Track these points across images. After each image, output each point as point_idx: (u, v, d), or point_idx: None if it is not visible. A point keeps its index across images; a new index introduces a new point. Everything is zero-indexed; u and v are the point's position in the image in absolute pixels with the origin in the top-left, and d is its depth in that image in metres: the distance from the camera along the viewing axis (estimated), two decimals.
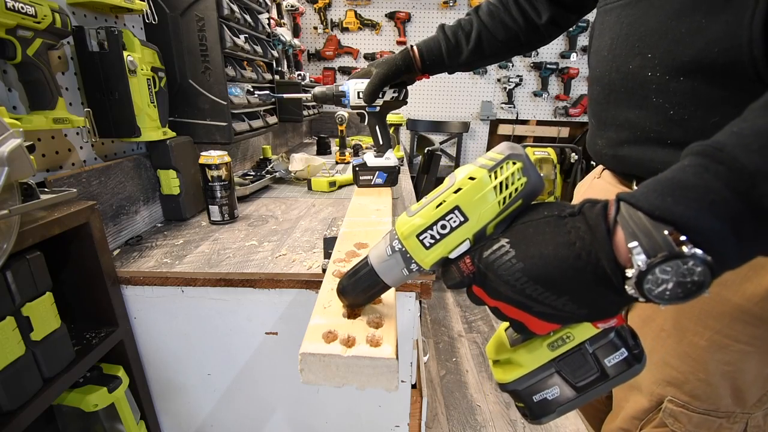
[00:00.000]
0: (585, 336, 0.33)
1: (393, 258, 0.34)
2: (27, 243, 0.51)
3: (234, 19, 1.04)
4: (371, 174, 0.94)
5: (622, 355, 0.32)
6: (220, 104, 1.03)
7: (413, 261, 0.33)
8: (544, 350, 0.34)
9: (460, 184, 0.31)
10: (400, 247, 0.34)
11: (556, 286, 0.28)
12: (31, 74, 0.62)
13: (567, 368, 0.33)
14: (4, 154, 0.44)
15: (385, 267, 0.35)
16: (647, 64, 0.46)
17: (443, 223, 0.32)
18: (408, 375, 0.76)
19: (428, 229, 0.32)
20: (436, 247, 0.32)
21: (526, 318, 0.32)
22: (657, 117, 0.46)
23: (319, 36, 2.94)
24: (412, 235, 0.33)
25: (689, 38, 0.41)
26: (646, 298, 0.25)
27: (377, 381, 0.34)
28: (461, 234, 0.32)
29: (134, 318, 0.74)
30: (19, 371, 0.52)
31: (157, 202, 0.96)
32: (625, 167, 0.53)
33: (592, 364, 0.33)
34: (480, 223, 0.31)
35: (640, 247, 0.25)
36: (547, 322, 0.31)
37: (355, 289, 0.38)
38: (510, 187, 0.31)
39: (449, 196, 0.32)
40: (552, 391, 0.34)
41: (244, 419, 0.84)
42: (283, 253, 0.78)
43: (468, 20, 0.77)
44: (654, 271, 0.24)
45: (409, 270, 0.34)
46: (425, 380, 1.24)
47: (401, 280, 0.36)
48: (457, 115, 3.15)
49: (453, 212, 0.31)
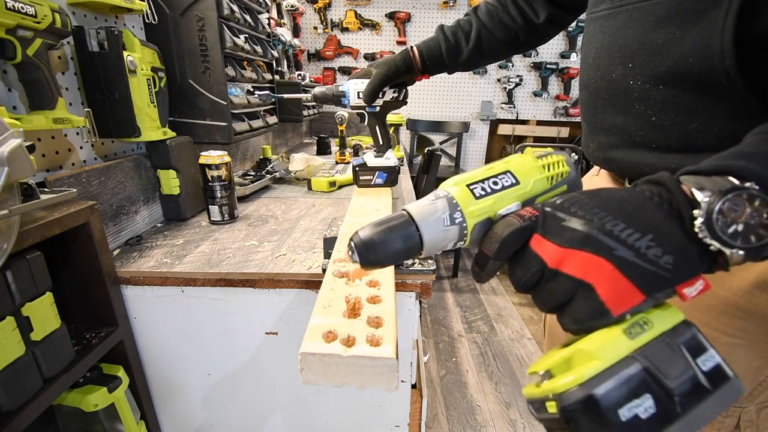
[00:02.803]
0: (665, 325, 0.25)
1: (436, 203, 0.30)
2: (27, 243, 0.51)
3: (234, 19, 1.04)
4: (371, 174, 0.94)
5: (713, 360, 0.25)
6: (220, 104, 1.03)
7: (458, 208, 0.30)
8: (622, 337, 0.25)
9: (510, 158, 0.32)
10: (445, 194, 0.30)
11: (637, 221, 0.26)
12: (31, 74, 0.62)
13: (659, 363, 0.24)
14: (4, 154, 0.44)
15: (426, 212, 0.29)
16: (628, 74, 0.48)
17: (495, 180, 0.31)
18: (408, 375, 0.76)
19: (479, 182, 0.31)
20: (486, 198, 0.30)
21: (600, 273, 0.25)
22: (641, 123, 0.48)
23: (319, 36, 2.94)
24: (461, 184, 0.31)
25: (665, 49, 0.43)
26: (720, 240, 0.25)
27: (377, 381, 0.34)
28: (512, 194, 0.30)
29: (134, 318, 0.74)
30: (19, 371, 0.52)
31: (157, 202, 0.96)
32: (615, 169, 0.55)
33: (686, 361, 0.24)
34: (531, 191, 0.31)
35: (706, 189, 0.25)
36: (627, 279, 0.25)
37: (382, 239, 0.29)
38: (556, 170, 0.32)
39: (500, 163, 0.32)
40: (644, 402, 0.23)
41: (244, 419, 0.84)
42: (283, 253, 0.78)
43: (467, 20, 0.77)
44: (722, 207, 0.24)
45: (451, 219, 0.29)
46: (425, 380, 1.24)
47: (439, 236, 0.29)
48: (457, 115, 3.15)
49: (505, 174, 0.31)
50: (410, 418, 0.80)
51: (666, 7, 0.42)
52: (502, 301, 2.39)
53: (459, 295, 2.45)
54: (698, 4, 0.39)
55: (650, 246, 0.25)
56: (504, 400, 1.62)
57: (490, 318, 2.21)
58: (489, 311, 2.27)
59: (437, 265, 2.85)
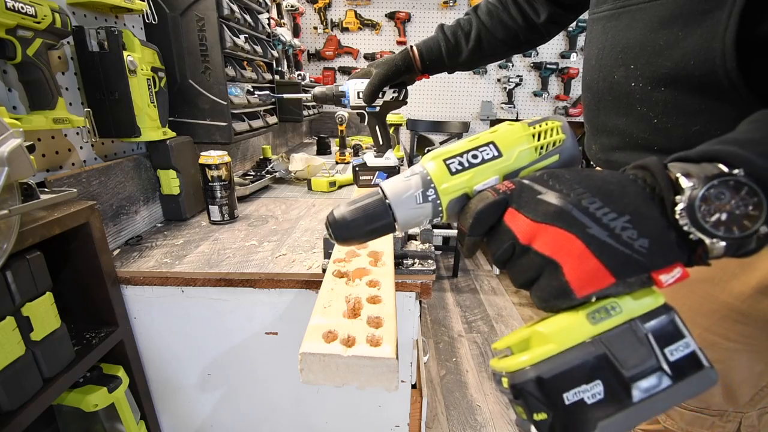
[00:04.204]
0: (637, 311, 0.24)
1: (410, 180, 0.30)
2: (27, 243, 0.51)
3: (234, 19, 1.04)
4: (371, 174, 0.94)
5: (687, 348, 0.24)
6: (220, 104, 1.03)
7: (432, 185, 0.29)
8: (582, 322, 0.24)
9: (497, 128, 0.31)
10: (421, 170, 0.30)
11: (615, 199, 0.25)
12: (31, 74, 0.62)
13: (616, 350, 0.23)
14: (4, 154, 0.44)
15: (398, 190, 0.29)
16: (630, 75, 0.47)
17: (475, 153, 0.29)
18: (408, 375, 0.76)
19: (458, 156, 0.29)
20: (462, 174, 0.29)
21: (569, 251, 0.24)
22: (642, 125, 0.48)
23: (319, 36, 2.94)
24: (437, 159, 0.29)
25: (667, 50, 0.43)
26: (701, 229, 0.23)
27: (377, 381, 0.34)
28: (491, 168, 0.29)
29: (134, 318, 0.74)
30: (19, 371, 0.52)
31: (157, 202, 0.96)
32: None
33: (649, 350, 0.23)
34: (514, 164, 0.29)
35: (692, 176, 0.24)
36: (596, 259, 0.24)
37: (354, 217, 0.30)
38: (548, 138, 0.30)
39: (485, 134, 0.31)
40: (593, 389, 0.23)
41: (244, 419, 0.84)
42: (283, 253, 0.78)
43: (467, 20, 0.77)
44: (706, 194, 0.23)
45: (424, 197, 0.29)
46: (425, 380, 1.24)
47: (411, 214, 0.30)
48: (457, 115, 3.14)
49: (487, 146, 0.29)
50: (410, 418, 0.80)
51: (670, 8, 0.42)
52: (502, 301, 2.39)
53: (459, 295, 2.45)
54: (702, 6, 0.39)
55: (626, 227, 0.24)
56: (504, 400, 1.62)
57: (490, 318, 2.21)
58: (489, 311, 2.27)
59: (437, 265, 2.85)
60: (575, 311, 0.25)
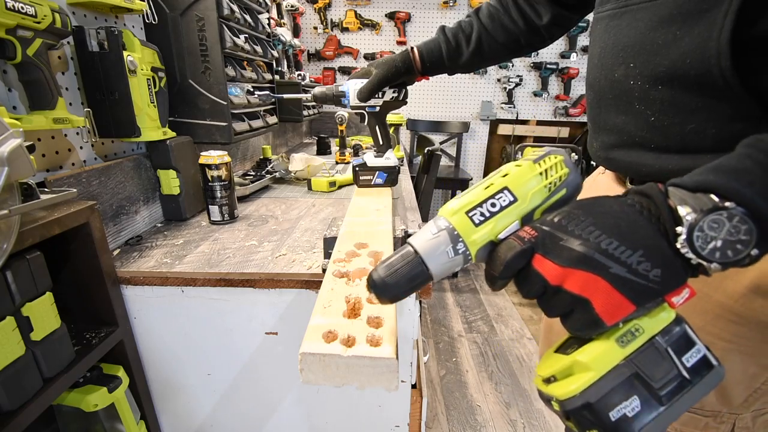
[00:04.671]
0: (656, 328, 0.29)
1: (439, 236, 0.32)
2: (27, 243, 0.51)
3: (234, 19, 1.04)
4: (371, 174, 0.94)
5: (699, 353, 0.29)
6: (220, 104, 1.03)
7: (460, 239, 0.31)
8: (614, 347, 0.29)
9: (506, 171, 0.33)
10: (447, 225, 0.32)
11: (629, 238, 0.28)
12: (31, 74, 0.62)
13: (645, 368, 0.28)
14: (4, 154, 0.44)
15: (430, 247, 0.32)
16: (629, 73, 0.48)
17: (493, 201, 0.31)
18: (408, 375, 0.76)
19: (477, 206, 0.31)
20: (485, 224, 0.31)
21: (596, 289, 0.28)
22: (640, 123, 0.48)
23: (319, 36, 2.94)
24: (461, 212, 0.32)
25: (665, 49, 0.43)
26: (699, 255, 0.27)
27: (377, 381, 0.34)
28: (510, 214, 0.31)
29: (134, 318, 0.74)
30: (19, 371, 0.52)
31: (157, 202, 0.96)
32: (616, 169, 0.55)
33: (670, 362, 0.28)
34: (529, 205, 0.32)
35: (688, 206, 0.28)
36: (620, 293, 0.28)
37: (396, 279, 0.32)
38: (554, 175, 0.32)
39: (497, 179, 0.32)
40: (632, 403, 0.28)
41: (244, 419, 0.84)
42: (283, 253, 0.78)
43: (468, 22, 0.77)
44: (702, 225, 0.27)
45: (455, 251, 0.32)
46: (425, 380, 1.24)
47: (445, 267, 0.32)
48: (457, 115, 3.15)
49: (502, 192, 0.32)
50: (410, 418, 0.80)
51: (669, 8, 0.42)
52: (502, 301, 2.39)
53: (459, 295, 2.45)
54: (700, 5, 0.39)
55: (641, 261, 0.28)
56: (504, 400, 1.62)
57: (490, 318, 2.21)
58: (489, 311, 2.27)
59: None
60: (606, 337, 0.29)
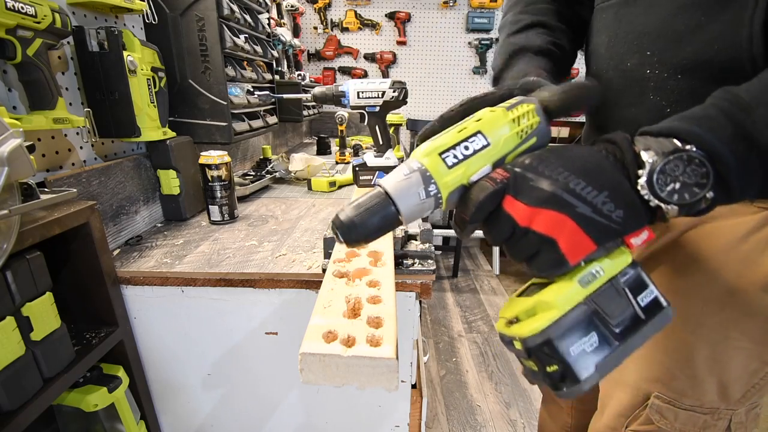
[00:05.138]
0: (615, 269, 0.30)
1: (410, 177, 0.31)
2: (27, 243, 0.51)
3: (234, 19, 1.04)
4: (371, 174, 0.94)
5: (652, 294, 0.31)
6: (220, 104, 1.03)
7: (432, 181, 0.31)
8: (576, 287, 0.30)
9: (480, 115, 0.33)
10: (419, 166, 0.31)
11: (595, 179, 0.29)
12: (31, 74, 0.62)
13: (604, 306, 0.30)
14: (4, 154, 0.44)
15: (401, 188, 0.31)
16: (645, 62, 0.46)
17: (466, 144, 0.31)
18: (408, 375, 0.76)
19: (451, 149, 0.31)
20: (458, 167, 0.31)
21: (562, 229, 0.29)
22: (653, 114, 0.47)
23: (319, 36, 2.94)
24: (434, 153, 0.31)
25: (689, 36, 0.42)
26: (657, 197, 0.28)
27: (377, 381, 0.34)
28: (483, 158, 0.31)
29: (134, 318, 0.74)
30: (19, 371, 0.52)
31: (157, 202, 0.96)
32: None
33: (627, 301, 0.30)
34: (501, 150, 0.32)
35: (651, 151, 0.29)
36: (584, 232, 0.28)
37: (362, 219, 0.31)
38: (526, 123, 0.32)
39: (471, 123, 0.32)
40: (590, 339, 0.29)
41: (244, 419, 0.84)
42: (283, 253, 0.78)
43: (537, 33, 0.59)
44: (663, 167, 0.28)
45: (426, 193, 0.31)
46: (425, 380, 1.24)
47: (416, 209, 0.32)
48: None
49: (475, 135, 0.32)
50: (410, 418, 0.80)
51: None
52: (502, 301, 2.39)
53: (459, 295, 2.45)
54: None
55: (605, 202, 0.28)
56: (504, 400, 1.62)
57: (490, 318, 2.21)
58: (489, 311, 2.27)
59: (437, 265, 2.85)
60: (568, 278, 0.30)
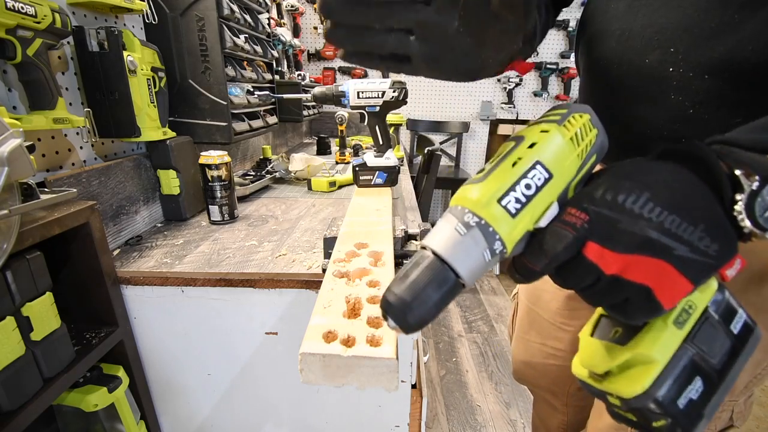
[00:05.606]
0: (705, 300, 0.27)
1: (469, 237, 0.25)
2: (27, 243, 0.51)
3: (234, 19, 1.04)
4: (371, 174, 0.94)
5: (742, 318, 0.28)
6: (220, 104, 1.03)
7: (497, 237, 0.25)
8: (672, 330, 0.26)
9: (532, 139, 0.27)
10: (477, 221, 0.25)
11: (690, 212, 0.25)
12: (31, 74, 0.62)
13: (704, 345, 0.27)
14: (4, 154, 0.44)
15: (459, 250, 0.25)
16: (668, 59, 0.43)
17: (527, 182, 0.26)
18: (408, 375, 0.76)
19: (510, 190, 0.25)
20: (523, 213, 0.25)
21: (659, 275, 0.25)
22: (673, 114, 0.44)
23: (319, 36, 2.94)
24: (492, 201, 0.25)
25: (720, 35, 0.39)
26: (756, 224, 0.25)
27: (377, 381, 0.34)
28: (547, 195, 0.26)
29: (134, 318, 0.74)
30: (19, 371, 0.51)
31: (157, 202, 0.96)
32: None
33: (723, 334, 0.27)
34: (564, 181, 0.27)
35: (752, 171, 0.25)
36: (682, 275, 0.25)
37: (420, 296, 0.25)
38: (585, 140, 0.27)
39: (524, 152, 0.26)
40: (695, 385, 0.26)
41: (244, 419, 0.84)
42: (283, 253, 0.78)
43: None
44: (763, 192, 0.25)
45: (491, 252, 0.25)
46: (425, 380, 1.24)
47: (479, 272, 0.26)
48: (457, 115, 3.15)
49: (535, 168, 0.26)
50: (410, 418, 0.80)
51: None
52: (502, 301, 2.39)
53: (459, 295, 2.44)
54: None
55: (702, 237, 0.25)
56: (504, 400, 1.62)
57: (490, 318, 2.21)
58: (489, 311, 2.27)
59: None
60: (662, 320, 0.27)
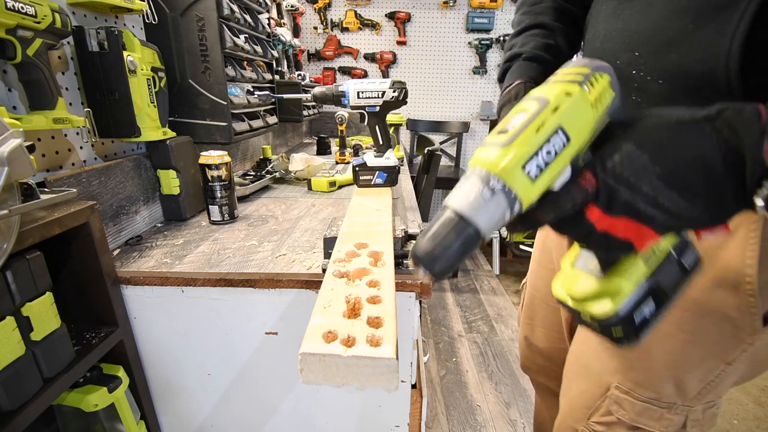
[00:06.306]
0: (671, 243, 0.33)
1: (494, 201, 0.26)
2: (27, 243, 0.51)
3: (234, 19, 1.04)
4: (371, 174, 0.94)
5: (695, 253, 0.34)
6: (220, 104, 1.03)
7: (518, 200, 0.27)
8: (641, 267, 0.32)
9: (556, 102, 0.27)
10: (502, 186, 0.26)
11: (694, 191, 0.27)
12: (31, 74, 0.62)
13: (663, 279, 0.32)
14: (4, 154, 0.44)
15: (484, 213, 0.27)
16: (633, 62, 0.46)
17: (548, 148, 0.26)
18: (408, 375, 0.76)
19: (533, 156, 0.26)
20: (542, 177, 0.27)
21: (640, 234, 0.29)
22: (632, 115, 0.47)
23: (319, 36, 2.94)
24: (517, 168, 0.26)
25: (675, 42, 0.42)
26: None
27: (377, 381, 0.34)
28: (564, 159, 0.27)
29: (134, 318, 0.74)
30: (19, 371, 0.51)
31: (157, 202, 0.96)
32: None
33: (677, 268, 0.33)
34: (579, 145, 0.28)
35: None
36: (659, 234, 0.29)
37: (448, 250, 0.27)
38: (604, 103, 0.28)
39: (548, 116, 0.27)
40: (649, 305, 0.33)
41: (244, 419, 0.84)
42: (283, 253, 0.78)
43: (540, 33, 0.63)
44: None
45: (511, 213, 0.27)
46: (425, 380, 1.24)
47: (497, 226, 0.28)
48: (457, 115, 3.14)
49: (557, 133, 0.27)
50: (410, 418, 0.80)
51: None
52: (502, 301, 2.39)
53: (459, 295, 2.45)
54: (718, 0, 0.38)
55: (691, 209, 0.27)
56: (504, 400, 1.62)
57: (490, 318, 2.21)
58: (489, 311, 2.27)
59: None
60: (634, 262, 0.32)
